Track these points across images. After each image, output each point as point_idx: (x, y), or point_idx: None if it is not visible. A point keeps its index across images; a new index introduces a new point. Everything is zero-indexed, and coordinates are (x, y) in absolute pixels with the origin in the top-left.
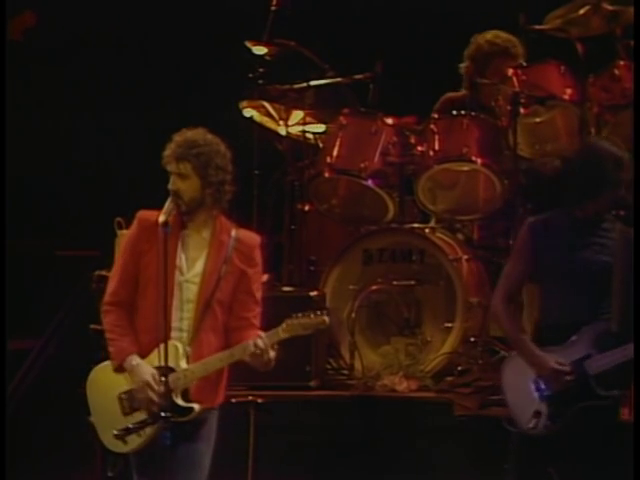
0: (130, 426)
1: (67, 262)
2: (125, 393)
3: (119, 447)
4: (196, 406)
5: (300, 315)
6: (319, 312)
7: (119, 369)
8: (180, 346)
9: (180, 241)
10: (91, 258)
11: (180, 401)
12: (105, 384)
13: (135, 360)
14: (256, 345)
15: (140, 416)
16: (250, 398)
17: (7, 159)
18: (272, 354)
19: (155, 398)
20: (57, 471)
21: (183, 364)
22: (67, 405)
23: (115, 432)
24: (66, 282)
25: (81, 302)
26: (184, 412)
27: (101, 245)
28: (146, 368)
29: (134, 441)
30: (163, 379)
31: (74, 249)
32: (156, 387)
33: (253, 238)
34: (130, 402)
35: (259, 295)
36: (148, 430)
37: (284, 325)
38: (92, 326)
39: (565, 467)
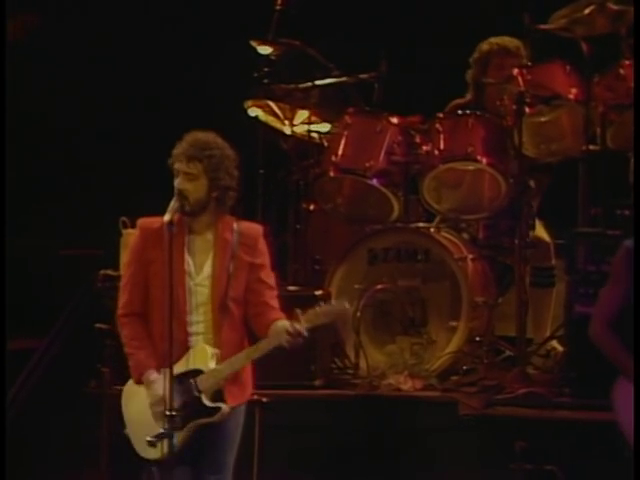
0: (162, 430)
1: (71, 261)
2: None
3: (151, 454)
4: (224, 405)
5: (323, 305)
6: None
7: (139, 383)
8: (209, 348)
9: (186, 246)
10: (95, 257)
11: (207, 402)
12: (139, 393)
13: (152, 375)
14: (287, 332)
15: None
16: (255, 397)
17: (7, 158)
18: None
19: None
20: (62, 471)
21: (212, 365)
22: (72, 404)
23: (148, 438)
24: (70, 281)
25: (86, 301)
26: (212, 412)
27: (105, 244)
28: (162, 384)
29: (162, 446)
30: (192, 382)
31: (78, 248)
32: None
33: (255, 229)
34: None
35: (271, 280)
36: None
37: (312, 313)
38: (97, 325)
39: None
